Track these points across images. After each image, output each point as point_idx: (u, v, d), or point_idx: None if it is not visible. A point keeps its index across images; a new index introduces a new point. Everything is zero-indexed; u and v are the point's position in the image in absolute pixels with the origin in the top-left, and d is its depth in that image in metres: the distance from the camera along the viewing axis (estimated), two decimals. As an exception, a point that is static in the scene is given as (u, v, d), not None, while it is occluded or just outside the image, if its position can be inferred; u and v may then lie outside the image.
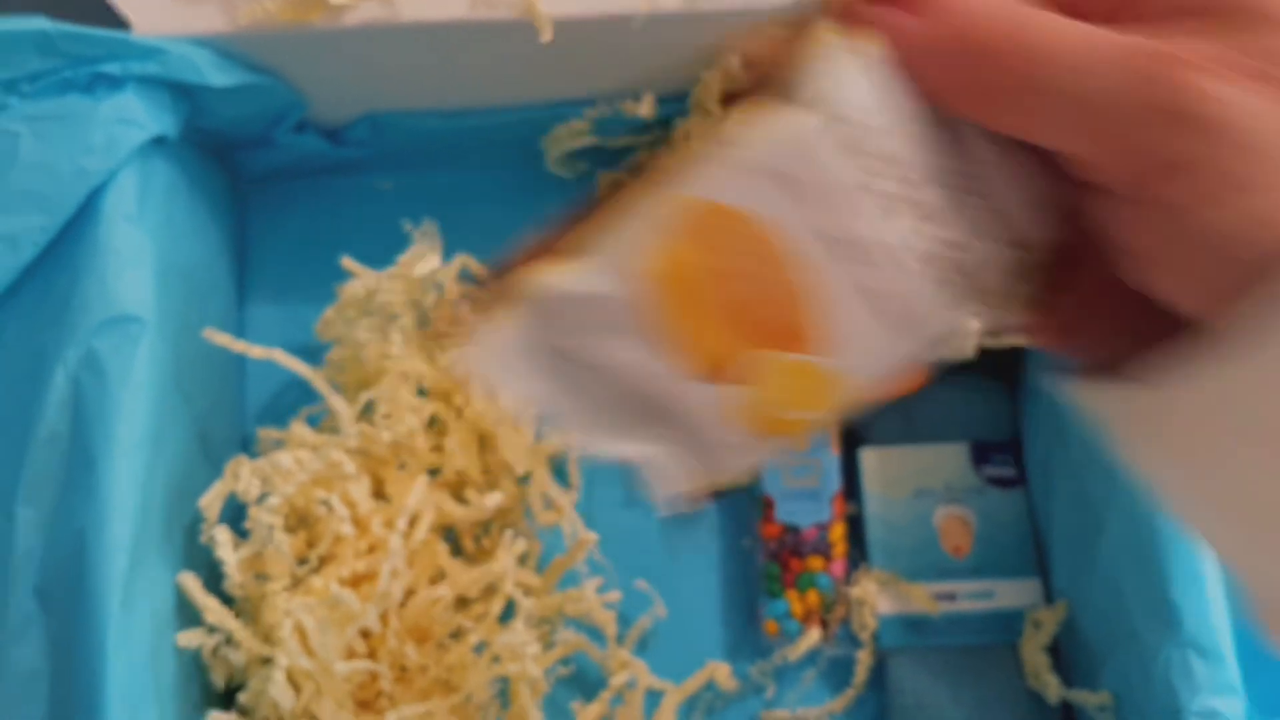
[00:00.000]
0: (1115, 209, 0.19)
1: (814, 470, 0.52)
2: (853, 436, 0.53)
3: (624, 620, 0.51)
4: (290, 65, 0.46)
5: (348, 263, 0.49)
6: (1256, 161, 0.17)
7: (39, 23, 0.40)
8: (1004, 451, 0.52)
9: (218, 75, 0.43)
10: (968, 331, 0.44)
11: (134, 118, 0.41)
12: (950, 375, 0.51)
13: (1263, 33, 0.17)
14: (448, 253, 0.50)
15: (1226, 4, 0.18)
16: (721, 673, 0.50)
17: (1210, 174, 0.17)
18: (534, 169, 0.54)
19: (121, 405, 0.39)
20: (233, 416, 0.51)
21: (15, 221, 0.39)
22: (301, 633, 0.42)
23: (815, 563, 0.50)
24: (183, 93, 0.44)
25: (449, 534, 0.51)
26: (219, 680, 0.44)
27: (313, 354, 0.51)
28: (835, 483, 0.51)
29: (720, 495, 0.22)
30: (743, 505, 0.53)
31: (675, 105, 0.50)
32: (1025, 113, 0.18)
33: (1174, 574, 0.40)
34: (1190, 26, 0.18)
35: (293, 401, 0.53)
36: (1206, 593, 0.40)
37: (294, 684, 0.42)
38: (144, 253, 0.41)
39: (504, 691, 0.47)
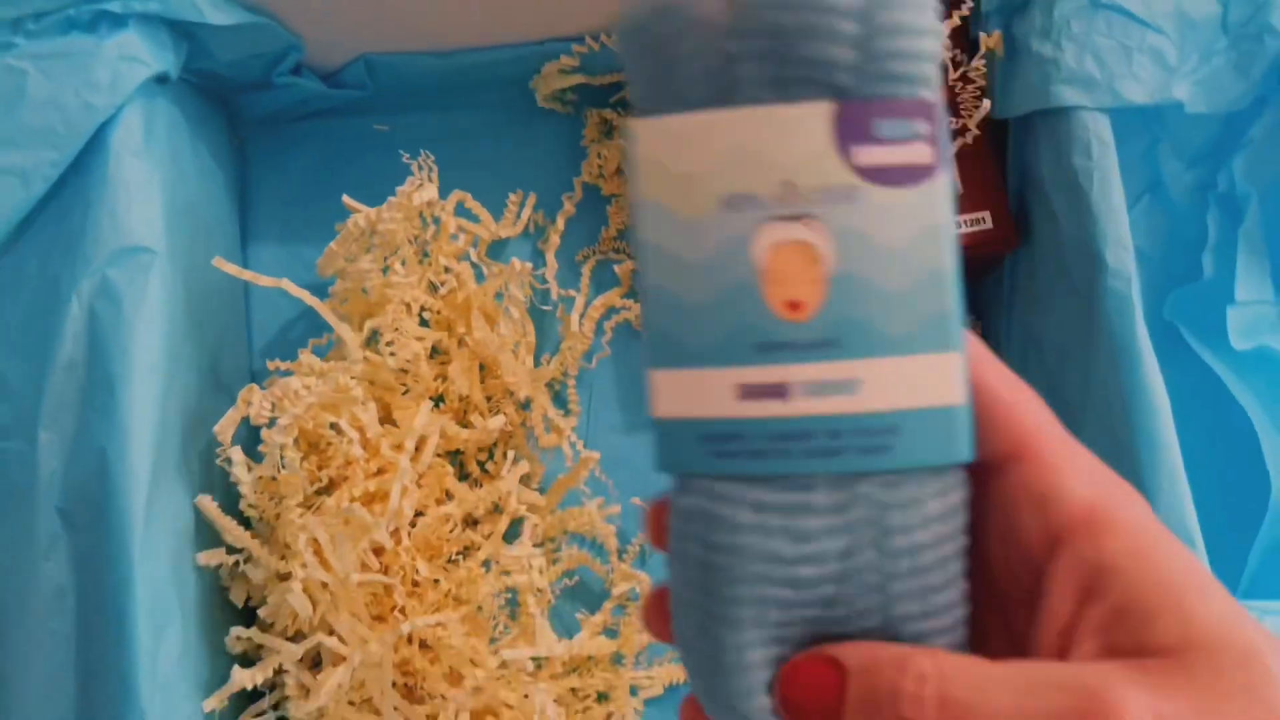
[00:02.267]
0: None
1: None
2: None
3: (623, 538, 0.53)
4: (286, 5, 0.47)
5: (348, 201, 0.50)
6: None
7: (41, -37, 0.41)
8: (909, 115, 0.23)
9: (216, 13, 0.45)
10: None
11: (137, 55, 0.42)
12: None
13: (1213, 685, 0.19)
14: (444, 190, 0.51)
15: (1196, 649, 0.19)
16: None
17: None
18: (526, 106, 0.56)
19: (137, 330, 0.41)
20: (240, 351, 0.52)
21: (26, 156, 0.41)
22: (316, 546, 0.44)
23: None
24: (182, 32, 0.45)
25: (454, 460, 0.52)
26: (238, 599, 0.46)
27: (315, 293, 0.52)
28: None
29: None
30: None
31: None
32: None
33: (1146, 468, 0.42)
34: (1148, 669, 0.19)
35: (296, 339, 0.54)
36: (1178, 488, 0.42)
37: (310, 596, 0.44)
38: (152, 186, 0.43)
39: (512, 602, 0.49)
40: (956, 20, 0.47)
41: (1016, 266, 0.50)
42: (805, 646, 0.22)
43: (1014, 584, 0.22)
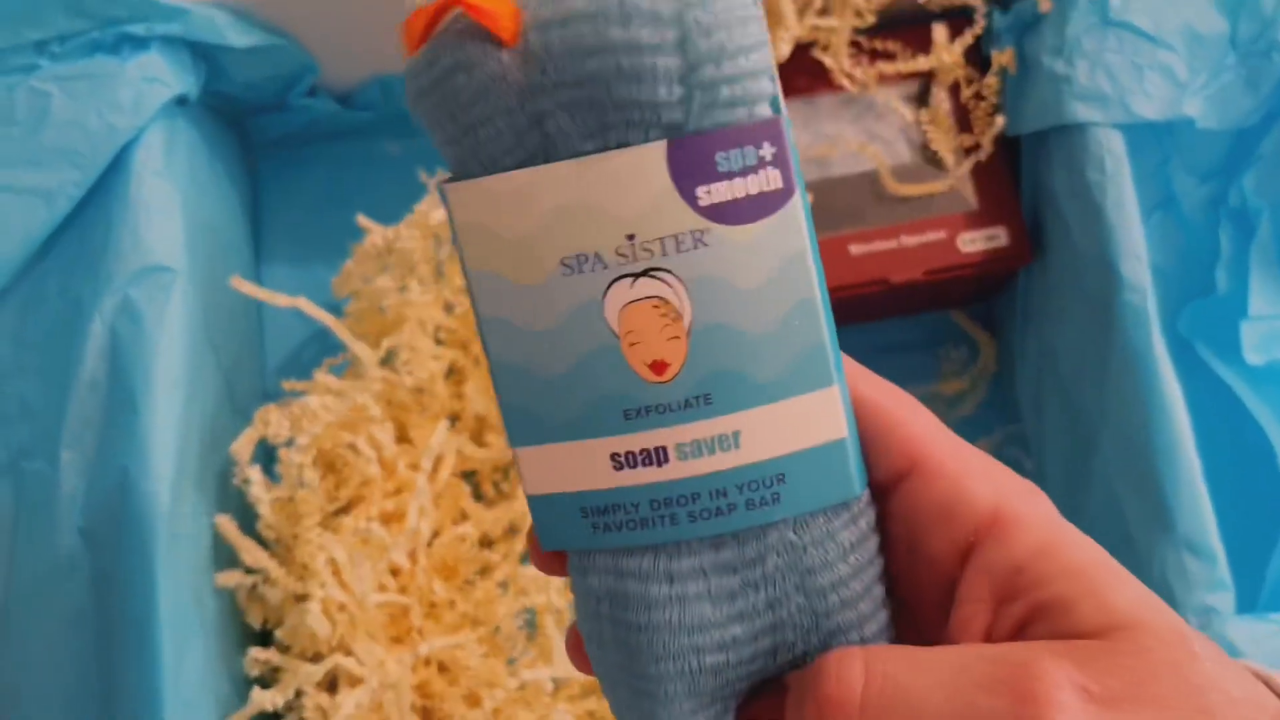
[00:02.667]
0: None
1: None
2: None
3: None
4: (303, 27, 0.47)
5: (363, 220, 0.51)
6: None
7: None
8: (752, 141, 0.20)
9: (236, 36, 0.45)
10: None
11: (159, 76, 0.43)
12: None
13: (1133, 655, 0.18)
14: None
15: (1112, 629, 0.19)
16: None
17: None
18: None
19: (158, 348, 0.41)
20: (255, 371, 0.52)
21: (50, 177, 0.41)
22: (334, 565, 0.44)
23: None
24: (202, 54, 0.45)
25: (469, 480, 0.52)
26: (255, 621, 0.46)
27: (329, 313, 0.52)
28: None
29: None
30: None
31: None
32: None
33: (1166, 480, 0.42)
34: (1070, 650, 0.19)
35: (310, 360, 0.54)
36: (1198, 495, 0.42)
37: (328, 617, 0.44)
38: (172, 206, 0.43)
39: (529, 623, 0.49)
40: (970, 39, 0.48)
41: (1031, 281, 0.50)
42: (751, 695, 0.22)
43: (923, 597, 0.22)
